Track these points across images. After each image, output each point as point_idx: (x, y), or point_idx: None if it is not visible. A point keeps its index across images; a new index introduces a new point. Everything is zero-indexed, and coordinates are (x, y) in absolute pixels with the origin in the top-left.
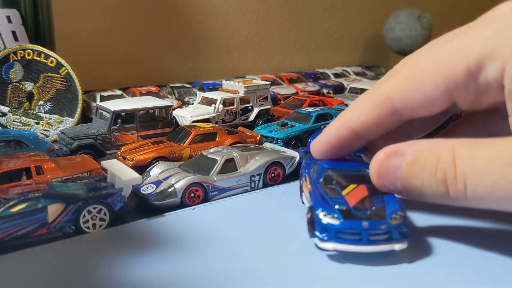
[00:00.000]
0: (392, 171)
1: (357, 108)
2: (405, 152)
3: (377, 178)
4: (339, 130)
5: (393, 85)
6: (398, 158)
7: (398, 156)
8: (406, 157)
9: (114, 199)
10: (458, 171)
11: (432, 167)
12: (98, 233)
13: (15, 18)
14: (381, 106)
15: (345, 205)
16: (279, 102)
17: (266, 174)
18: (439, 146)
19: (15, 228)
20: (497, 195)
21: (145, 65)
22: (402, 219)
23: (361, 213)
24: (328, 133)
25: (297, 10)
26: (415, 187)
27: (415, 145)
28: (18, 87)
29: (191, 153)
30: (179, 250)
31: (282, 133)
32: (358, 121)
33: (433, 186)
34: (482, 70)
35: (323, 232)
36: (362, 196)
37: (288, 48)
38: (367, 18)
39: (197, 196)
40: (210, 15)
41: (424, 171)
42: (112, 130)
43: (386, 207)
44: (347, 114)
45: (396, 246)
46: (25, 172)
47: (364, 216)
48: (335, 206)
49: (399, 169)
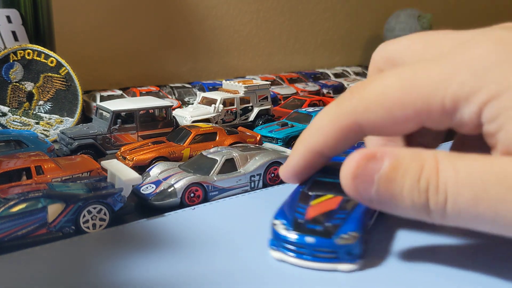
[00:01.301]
0: (369, 175)
1: (321, 132)
2: (385, 156)
3: (351, 179)
4: (305, 156)
5: (361, 108)
6: (377, 161)
7: (377, 160)
8: (387, 161)
9: (114, 199)
10: (440, 182)
11: (415, 174)
12: (98, 233)
13: (15, 18)
14: (347, 130)
15: (302, 217)
16: (279, 102)
17: (266, 174)
18: (422, 152)
19: (15, 228)
20: (477, 211)
21: (145, 65)
22: (353, 240)
23: (312, 227)
24: (295, 161)
25: (297, 10)
26: (392, 195)
27: (396, 150)
28: (18, 87)
29: (191, 153)
30: (179, 250)
31: (282, 133)
32: (324, 145)
33: (413, 195)
34: (457, 110)
35: (273, 240)
36: (327, 209)
37: (288, 48)
38: (367, 18)
39: (197, 196)
40: (210, 15)
41: (406, 178)
42: (112, 130)
43: (342, 225)
44: (310, 139)
45: (340, 266)
46: (25, 172)
47: (314, 231)
48: (293, 216)
49: (377, 173)
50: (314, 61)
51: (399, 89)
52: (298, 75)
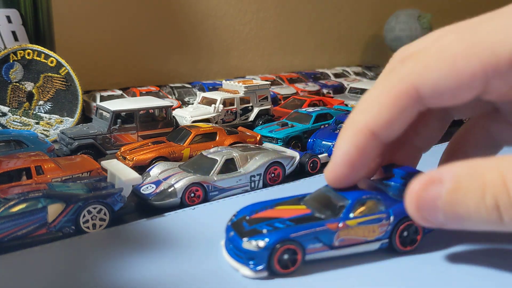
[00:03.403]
0: (432, 202)
1: (374, 106)
2: (443, 178)
3: (416, 211)
4: (356, 140)
5: (418, 70)
6: (436, 187)
7: (435, 184)
8: (446, 184)
9: (114, 199)
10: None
11: (478, 192)
12: (98, 233)
13: (15, 18)
14: (404, 97)
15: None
16: (279, 102)
17: (266, 174)
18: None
19: (15, 228)
20: None
21: (145, 65)
22: (255, 249)
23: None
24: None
25: (297, 10)
26: (461, 216)
27: (452, 169)
28: (18, 87)
29: (191, 153)
30: (179, 250)
31: (282, 133)
32: (379, 121)
33: (482, 213)
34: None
35: None
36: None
37: (288, 48)
38: (367, 18)
39: (197, 196)
40: (210, 15)
41: (470, 198)
42: (112, 130)
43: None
44: (361, 117)
45: (241, 269)
46: (25, 172)
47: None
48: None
49: (439, 198)
50: (314, 61)
51: (461, 42)
52: (298, 75)
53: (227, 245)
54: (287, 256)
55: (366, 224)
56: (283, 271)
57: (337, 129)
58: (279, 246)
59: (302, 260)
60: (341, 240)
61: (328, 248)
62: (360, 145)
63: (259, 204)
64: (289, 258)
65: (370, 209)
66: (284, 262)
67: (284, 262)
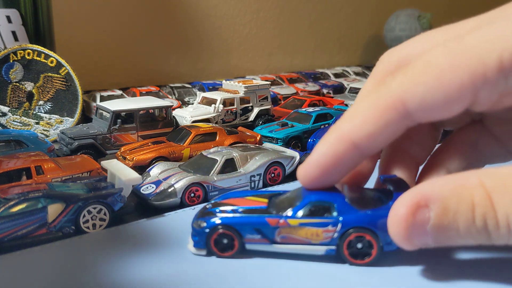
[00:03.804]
0: (420, 228)
1: (358, 117)
2: (428, 201)
3: (406, 240)
4: (336, 146)
5: (406, 84)
6: (423, 211)
7: (422, 208)
8: (432, 208)
9: (114, 199)
10: (499, 216)
11: (468, 215)
12: (98, 233)
13: (15, 18)
14: (390, 111)
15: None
16: (279, 102)
17: (266, 174)
18: (465, 185)
19: (15, 228)
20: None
21: (145, 65)
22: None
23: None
24: (321, 153)
25: (297, 10)
26: (451, 238)
27: (437, 189)
28: (18, 87)
29: (191, 153)
30: (179, 250)
31: (282, 133)
32: (361, 132)
33: (472, 234)
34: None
35: None
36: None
37: (288, 48)
38: (367, 18)
39: (197, 196)
40: (210, 15)
41: (459, 220)
42: (112, 130)
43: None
44: (345, 125)
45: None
46: (25, 172)
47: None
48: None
49: (428, 223)
50: (314, 61)
51: (448, 54)
52: (298, 75)
53: None
54: (225, 241)
55: (309, 226)
56: (220, 253)
57: None
58: (219, 229)
59: (239, 246)
60: (282, 237)
61: (268, 241)
62: (338, 152)
63: (240, 192)
64: (227, 243)
65: (318, 212)
66: (222, 245)
67: (221, 245)
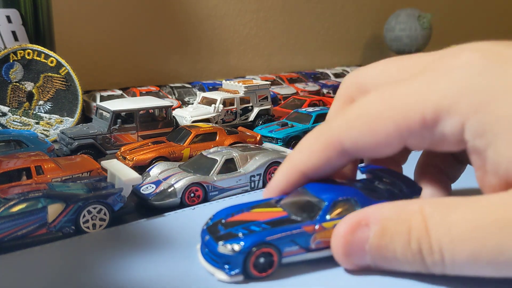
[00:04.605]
0: (359, 246)
1: (306, 151)
2: (369, 221)
3: (344, 257)
4: (289, 174)
5: (343, 126)
6: (363, 230)
7: (362, 227)
8: (372, 228)
9: (114, 199)
10: (433, 241)
11: (405, 237)
12: (98, 233)
13: (15, 18)
14: (330, 148)
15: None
16: (279, 102)
17: (266, 174)
18: (406, 209)
19: (15, 228)
20: (478, 265)
21: (145, 65)
22: (231, 252)
23: (220, 228)
24: (278, 179)
25: (297, 10)
26: (388, 260)
27: (378, 211)
28: (18, 87)
29: (191, 153)
30: (179, 250)
31: (282, 133)
32: (308, 164)
33: (408, 258)
34: (438, 123)
35: None
36: (254, 219)
37: (288, 48)
38: (367, 18)
39: (197, 196)
40: (210, 15)
41: (396, 242)
42: (112, 130)
43: (243, 236)
44: (295, 157)
45: (217, 273)
46: (25, 172)
47: (216, 232)
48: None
49: (366, 242)
50: (314, 61)
51: (379, 103)
52: (298, 75)
53: (203, 250)
54: (263, 260)
55: None
56: (259, 274)
57: None
58: (255, 249)
59: (278, 263)
60: (317, 243)
61: (304, 251)
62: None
63: (235, 207)
64: (265, 261)
65: (346, 210)
66: (260, 266)
67: (260, 266)
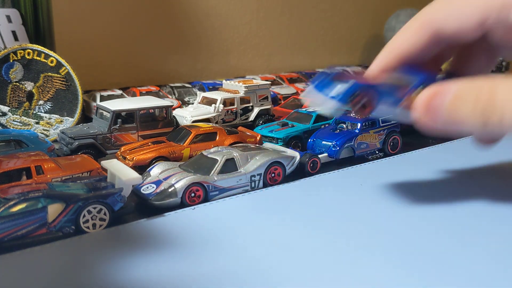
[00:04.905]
0: (437, 108)
1: (402, 34)
2: (447, 91)
3: (425, 113)
4: (386, 58)
5: (434, 9)
6: (441, 97)
7: (441, 94)
8: (448, 96)
9: (114, 199)
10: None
11: (473, 99)
12: (98, 233)
13: (15, 18)
14: (423, 29)
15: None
16: (279, 102)
17: (266, 174)
18: (479, 81)
19: (15, 228)
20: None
21: (145, 65)
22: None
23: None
24: (376, 63)
25: (297, 10)
26: (456, 121)
27: (454, 84)
28: (18, 86)
29: (191, 153)
30: (179, 250)
31: (282, 133)
32: (403, 46)
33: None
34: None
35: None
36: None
37: (288, 48)
38: (367, 18)
39: (197, 196)
40: (210, 15)
41: (466, 104)
42: (112, 130)
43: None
44: (392, 41)
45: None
46: (25, 172)
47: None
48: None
49: (442, 106)
50: (314, 61)
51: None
52: (298, 75)
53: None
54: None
55: None
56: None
57: (337, 129)
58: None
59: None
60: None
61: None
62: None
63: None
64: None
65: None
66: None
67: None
